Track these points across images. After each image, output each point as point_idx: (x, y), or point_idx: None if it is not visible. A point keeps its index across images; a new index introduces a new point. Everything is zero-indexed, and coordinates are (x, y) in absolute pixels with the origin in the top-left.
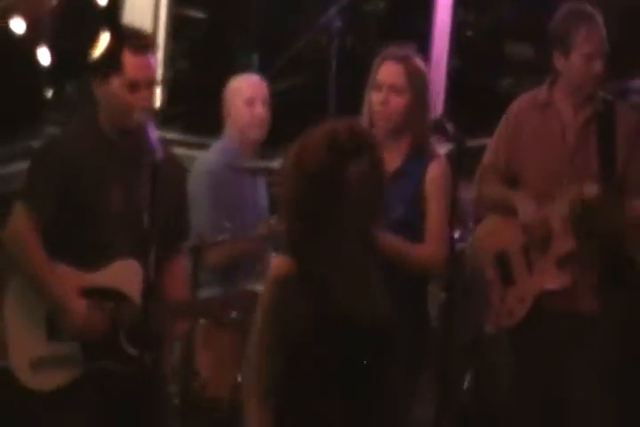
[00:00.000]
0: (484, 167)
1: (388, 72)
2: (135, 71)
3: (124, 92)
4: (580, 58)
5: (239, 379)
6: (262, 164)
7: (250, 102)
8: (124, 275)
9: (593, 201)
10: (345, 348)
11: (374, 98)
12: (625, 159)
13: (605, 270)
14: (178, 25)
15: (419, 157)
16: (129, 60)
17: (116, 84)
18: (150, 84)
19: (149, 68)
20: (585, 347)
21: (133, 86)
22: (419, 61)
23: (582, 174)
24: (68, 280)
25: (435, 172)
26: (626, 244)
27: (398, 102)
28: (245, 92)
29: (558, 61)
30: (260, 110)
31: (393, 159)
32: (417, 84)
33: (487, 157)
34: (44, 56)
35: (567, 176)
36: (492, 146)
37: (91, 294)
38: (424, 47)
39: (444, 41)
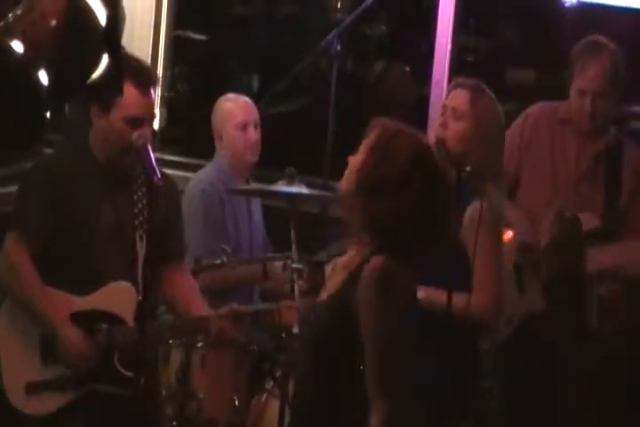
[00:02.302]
0: None
1: (454, 97)
2: (138, 108)
3: (125, 127)
4: (574, 93)
5: (237, 402)
6: (258, 186)
7: (243, 127)
8: (118, 297)
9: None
10: None
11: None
12: (627, 201)
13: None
14: (178, 47)
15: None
16: (133, 96)
17: (117, 117)
18: (150, 120)
19: (152, 106)
20: (570, 371)
21: (135, 122)
22: (489, 93)
23: (585, 204)
24: (61, 307)
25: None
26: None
27: (457, 127)
28: (238, 117)
29: (570, 91)
30: (253, 134)
31: None
32: (480, 113)
33: None
34: (42, 78)
35: (569, 200)
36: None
37: (84, 317)
38: (424, 71)
39: (444, 65)
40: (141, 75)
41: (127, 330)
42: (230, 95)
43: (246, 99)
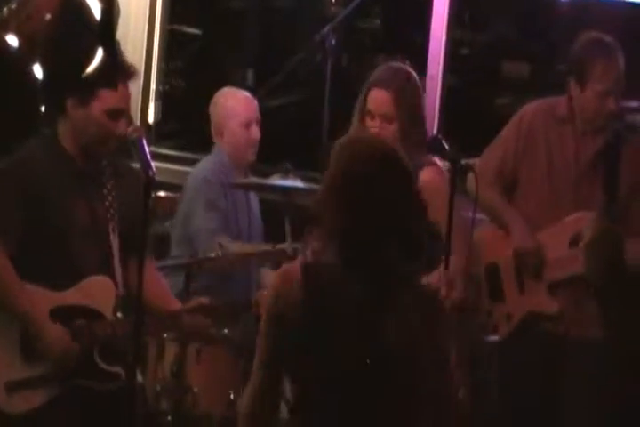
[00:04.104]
0: (486, 171)
1: (377, 102)
2: (120, 100)
3: (105, 119)
4: (593, 95)
5: (232, 396)
6: (253, 180)
7: (246, 125)
8: (96, 291)
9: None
10: None
11: (369, 124)
12: (626, 198)
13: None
14: (172, 41)
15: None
16: (116, 88)
17: (96, 109)
18: (127, 113)
19: (129, 98)
20: (570, 370)
21: (114, 114)
22: (404, 82)
23: (584, 204)
24: (39, 303)
25: (426, 177)
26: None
27: (391, 129)
28: (241, 116)
29: (574, 90)
30: (256, 132)
31: None
32: (406, 110)
33: (492, 162)
34: (37, 71)
35: (568, 199)
36: (497, 149)
37: (63, 313)
38: (419, 65)
39: (439, 59)
40: (122, 67)
41: (106, 324)
42: (231, 90)
43: (247, 94)
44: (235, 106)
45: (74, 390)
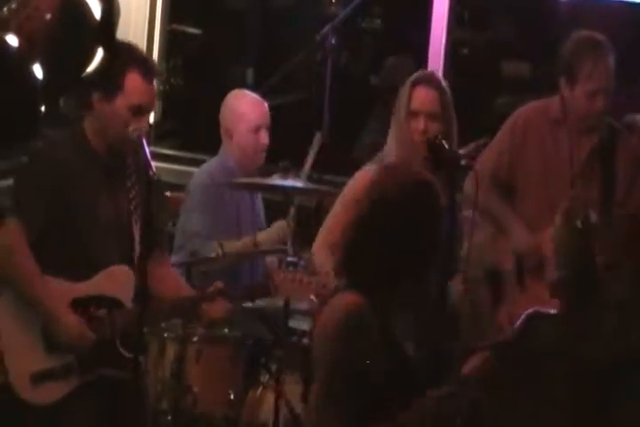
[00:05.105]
0: (483, 174)
1: (423, 100)
2: (142, 96)
3: (128, 115)
4: (583, 93)
5: (231, 396)
6: (253, 179)
7: (256, 130)
8: (116, 281)
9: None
10: None
11: (413, 126)
12: (624, 193)
13: None
14: (172, 41)
15: None
16: (139, 84)
17: (120, 104)
18: (150, 110)
19: (154, 96)
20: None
21: (137, 110)
22: (445, 83)
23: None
24: (59, 294)
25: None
26: None
27: (437, 129)
28: (252, 120)
29: (564, 89)
30: (265, 137)
31: None
32: (449, 109)
33: (487, 165)
34: (38, 72)
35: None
36: (493, 152)
37: (83, 303)
38: (420, 64)
39: (439, 58)
40: (147, 64)
41: (126, 313)
42: (243, 93)
43: (258, 98)
44: (246, 110)
45: (96, 381)
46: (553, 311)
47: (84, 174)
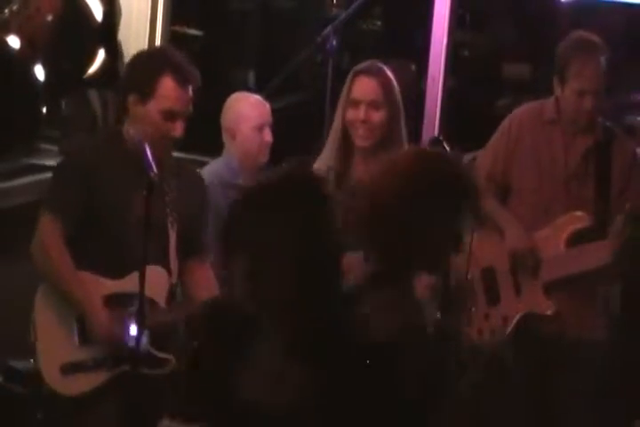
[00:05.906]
0: (478, 176)
1: (364, 89)
2: (175, 102)
3: (160, 119)
4: (571, 93)
5: None
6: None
7: (259, 128)
8: (150, 280)
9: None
10: None
11: (353, 115)
12: (618, 193)
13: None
14: (174, 42)
15: None
16: (173, 90)
17: (153, 108)
18: (185, 116)
19: (188, 102)
20: (568, 372)
21: (170, 115)
22: (389, 73)
23: (575, 203)
24: (93, 289)
25: None
26: None
27: (378, 118)
28: (255, 120)
29: (557, 88)
30: (269, 135)
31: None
32: (392, 98)
33: (483, 167)
34: (39, 73)
35: (559, 201)
36: (488, 155)
37: (116, 300)
38: (421, 66)
39: (440, 60)
40: (182, 70)
41: (159, 312)
42: (243, 94)
43: (260, 98)
44: (247, 110)
45: (124, 376)
46: (548, 312)
47: (119, 175)
